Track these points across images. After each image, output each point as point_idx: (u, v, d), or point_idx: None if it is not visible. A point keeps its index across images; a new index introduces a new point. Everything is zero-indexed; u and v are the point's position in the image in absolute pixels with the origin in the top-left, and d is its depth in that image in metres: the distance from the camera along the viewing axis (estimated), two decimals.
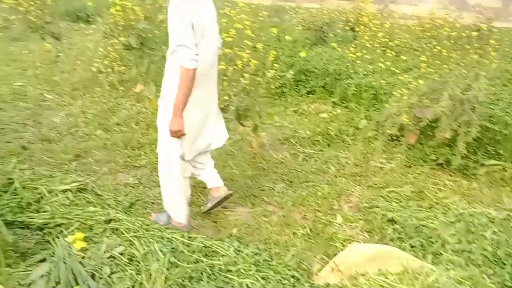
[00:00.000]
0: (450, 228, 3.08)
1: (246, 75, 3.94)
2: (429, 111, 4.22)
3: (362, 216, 3.51)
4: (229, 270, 2.53)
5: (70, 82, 6.02)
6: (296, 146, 4.72)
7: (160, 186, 3.07)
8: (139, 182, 3.71)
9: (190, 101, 2.73)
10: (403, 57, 6.78)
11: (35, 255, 2.46)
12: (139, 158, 4.08)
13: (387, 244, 3.06)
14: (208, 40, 2.72)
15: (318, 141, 4.88)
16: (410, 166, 4.36)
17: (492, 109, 4.44)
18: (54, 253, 2.41)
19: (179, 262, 2.51)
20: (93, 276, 2.28)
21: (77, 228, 2.77)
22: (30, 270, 2.28)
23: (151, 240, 2.69)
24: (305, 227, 3.30)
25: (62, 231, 2.71)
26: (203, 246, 2.73)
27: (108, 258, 2.47)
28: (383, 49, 7.25)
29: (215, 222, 3.25)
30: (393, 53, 6.88)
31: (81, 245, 2.09)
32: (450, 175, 4.25)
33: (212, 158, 3.32)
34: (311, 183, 3.96)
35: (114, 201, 3.27)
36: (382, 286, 2.32)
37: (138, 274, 2.38)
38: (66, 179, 3.31)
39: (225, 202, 3.33)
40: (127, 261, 2.46)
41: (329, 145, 4.85)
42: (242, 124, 4.22)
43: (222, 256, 2.69)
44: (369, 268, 2.45)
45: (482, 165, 4.22)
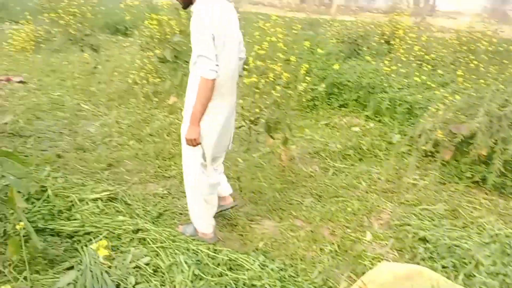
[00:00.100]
0: (485, 249, 2.98)
1: (278, 88, 3.93)
2: (464, 127, 4.11)
3: (392, 234, 3.42)
4: (253, 285, 2.51)
5: (106, 93, 6.20)
6: (326, 160, 4.66)
7: (186, 196, 3.08)
8: (168, 192, 3.74)
9: (212, 110, 2.74)
10: (440, 71, 6.65)
11: (63, 263, 2.52)
12: (169, 169, 4.12)
13: (418, 263, 2.97)
14: (229, 49, 2.73)
15: (349, 155, 4.81)
16: (444, 183, 4.23)
17: None
18: (81, 261, 2.45)
19: (204, 274, 2.51)
20: (118, 285, 2.31)
21: (105, 236, 2.83)
22: (58, 278, 2.33)
23: (177, 251, 2.70)
24: (333, 244, 3.23)
25: (91, 240, 2.77)
26: (228, 259, 2.72)
27: (133, 268, 2.50)
28: (419, 62, 7.13)
29: (241, 235, 3.23)
30: (429, 67, 6.75)
31: (104, 252, 2.11)
32: (486, 194, 4.10)
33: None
34: (341, 198, 3.89)
35: (143, 210, 3.32)
36: None
37: (163, 286, 2.40)
38: (97, 188, 3.39)
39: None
40: (152, 272, 2.48)
41: (360, 159, 4.78)
42: (272, 136, 4.21)
43: (247, 270, 2.67)
44: None
45: None
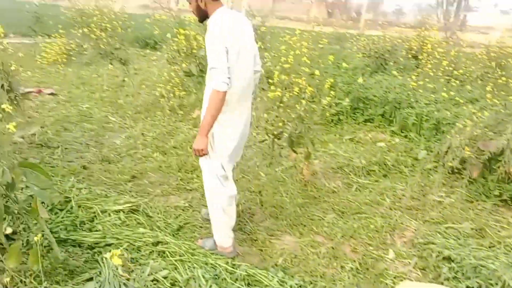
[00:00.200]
0: None
1: (303, 102, 3.92)
2: (493, 144, 4.01)
3: (416, 252, 3.33)
4: None
5: (133, 106, 6.31)
6: (349, 175, 4.61)
7: (208, 208, 3.08)
8: (190, 205, 3.75)
9: (223, 123, 2.77)
10: (468, 86, 6.50)
11: (83, 274, 2.55)
12: (192, 181, 4.15)
13: (442, 283, 2.89)
14: (243, 62, 2.74)
15: (373, 171, 4.74)
16: (472, 202, 4.11)
17: None
18: (101, 272, 2.48)
19: None
20: None
21: (125, 248, 2.85)
22: None
23: (195, 265, 2.71)
24: (354, 261, 3.17)
25: (111, 251, 2.79)
26: (247, 274, 2.71)
27: (151, 281, 2.52)
28: (447, 78, 7.00)
29: (261, 250, 3.20)
30: (457, 82, 6.62)
31: (118, 261, 2.13)
32: None
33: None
34: (364, 215, 3.82)
35: (164, 223, 3.34)
36: None
37: None
38: (119, 200, 3.44)
39: None
40: (170, 285, 2.49)
41: (385, 175, 4.70)
42: (295, 151, 4.19)
43: (266, 286, 2.65)
44: None
45: None
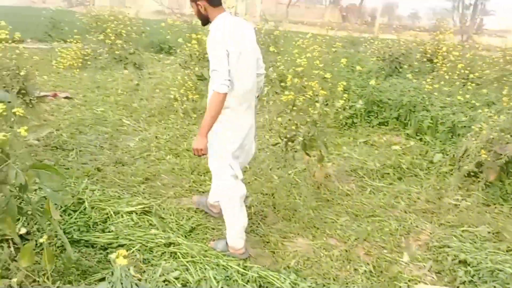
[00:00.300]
0: None
1: (317, 105, 3.90)
2: (510, 148, 3.93)
3: (431, 255, 3.28)
4: None
5: (147, 109, 6.35)
6: (364, 178, 4.56)
7: (221, 209, 3.08)
8: None
9: (228, 124, 2.83)
10: (484, 90, 6.40)
11: (96, 274, 2.55)
12: (204, 184, 4.14)
13: (457, 287, 2.83)
14: (245, 65, 2.79)
15: (388, 174, 4.69)
16: (489, 205, 4.04)
17: None
18: (113, 273, 2.48)
19: None
20: None
21: (138, 249, 2.86)
22: None
23: (207, 266, 2.70)
24: (368, 264, 3.13)
25: (117, 252, 2.79)
26: (258, 276, 2.69)
27: (163, 281, 2.51)
28: (463, 81, 6.91)
29: (273, 252, 3.18)
30: (473, 85, 6.52)
31: (123, 261, 2.12)
32: None
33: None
34: (378, 218, 3.78)
35: (176, 224, 3.34)
36: None
37: None
38: (132, 201, 3.45)
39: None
40: (181, 286, 2.48)
41: (400, 178, 4.64)
42: (308, 154, 4.17)
43: None
44: None
45: None
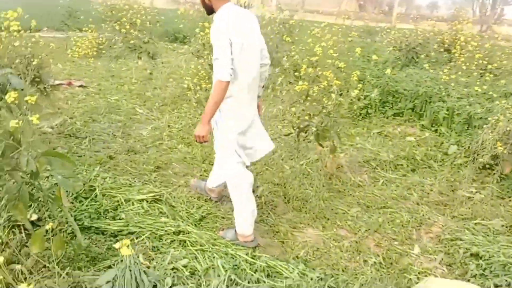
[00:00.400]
0: None
1: (333, 95, 3.86)
2: None
3: (443, 248, 3.24)
4: None
5: (160, 98, 6.35)
6: (376, 169, 4.51)
7: (231, 199, 3.07)
8: None
9: (230, 113, 2.91)
10: (503, 81, 6.26)
11: (105, 261, 2.57)
12: None
13: (468, 280, 2.80)
14: (249, 55, 2.80)
15: (401, 165, 4.63)
16: (503, 198, 3.97)
17: None
18: (122, 260, 2.50)
19: (240, 280, 2.48)
20: (155, 286, 2.32)
21: (147, 237, 2.87)
22: (98, 275, 2.38)
23: (215, 255, 2.70)
24: (378, 256, 3.10)
25: (133, 239, 2.82)
26: (267, 265, 2.69)
27: (171, 269, 2.52)
28: (481, 71, 6.75)
29: (283, 242, 3.17)
30: (491, 76, 6.38)
31: (127, 251, 2.13)
32: None
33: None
34: (389, 210, 3.74)
35: (186, 213, 3.35)
36: None
37: None
38: (143, 189, 3.47)
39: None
40: (189, 274, 2.49)
41: (413, 170, 4.58)
42: (321, 144, 4.13)
43: (286, 278, 2.62)
44: None
45: None
